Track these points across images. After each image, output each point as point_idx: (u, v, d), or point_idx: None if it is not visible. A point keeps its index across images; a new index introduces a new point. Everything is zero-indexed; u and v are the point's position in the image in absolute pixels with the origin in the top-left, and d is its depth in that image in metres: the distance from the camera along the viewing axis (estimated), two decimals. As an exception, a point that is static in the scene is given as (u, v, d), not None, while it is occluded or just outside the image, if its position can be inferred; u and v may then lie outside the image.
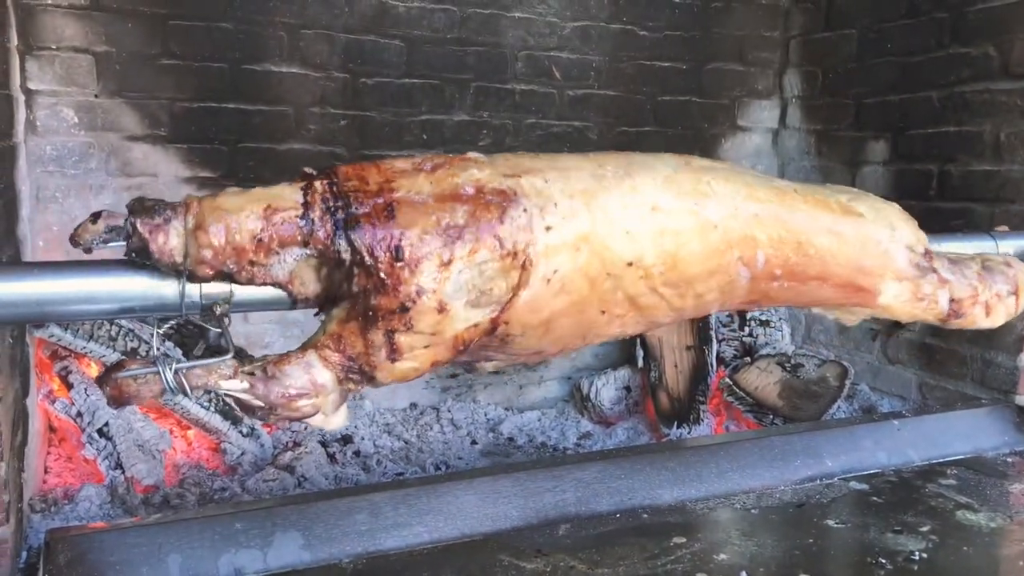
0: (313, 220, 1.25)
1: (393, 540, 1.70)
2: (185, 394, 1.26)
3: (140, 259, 1.23)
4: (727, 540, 1.76)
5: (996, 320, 1.81)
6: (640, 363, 3.00)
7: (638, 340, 2.98)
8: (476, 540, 1.74)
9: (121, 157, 2.49)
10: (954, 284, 1.73)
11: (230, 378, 1.27)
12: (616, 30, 3.08)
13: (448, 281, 1.26)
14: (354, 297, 1.26)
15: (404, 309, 1.25)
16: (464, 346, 1.33)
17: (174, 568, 1.55)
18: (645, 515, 1.88)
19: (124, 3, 2.43)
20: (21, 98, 2.31)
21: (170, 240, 1.21)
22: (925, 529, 1.80)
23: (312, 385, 1.27)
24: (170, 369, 1.25)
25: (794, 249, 1.54)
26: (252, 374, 1.28)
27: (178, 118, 2.54)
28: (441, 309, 1.26)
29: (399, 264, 1.23)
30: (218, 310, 1.27)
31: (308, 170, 1.31)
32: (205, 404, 2.31)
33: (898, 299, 1.69)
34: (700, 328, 2.96)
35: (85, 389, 2.22)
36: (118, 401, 1.27)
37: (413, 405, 2.98)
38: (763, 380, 2.89)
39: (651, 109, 3.18)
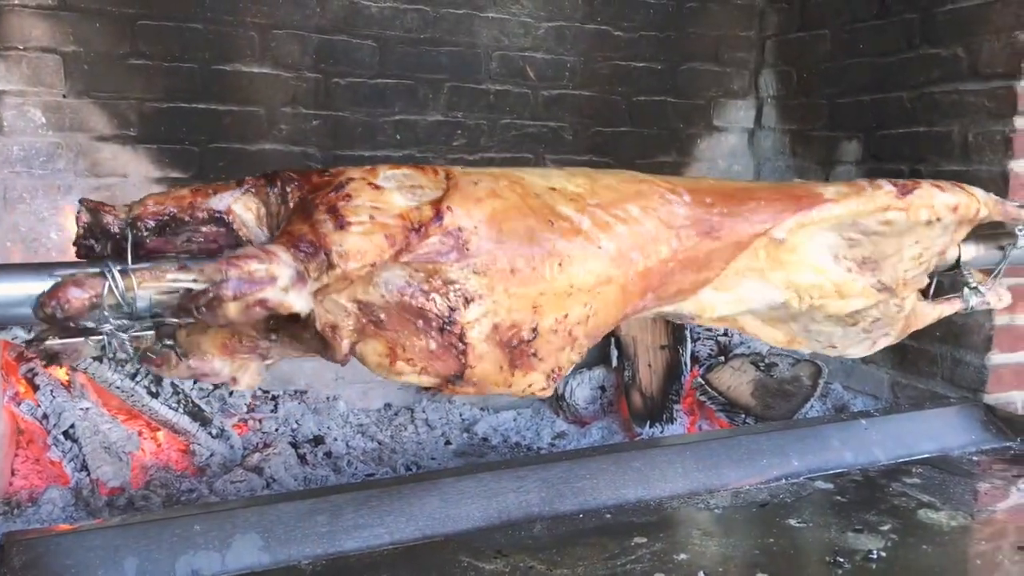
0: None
1: (353, 541, 1.70)
2: (130, 307, 1.16)
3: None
4: (688, 540, 1.77)
5: (956, 195, 1.77)
6: (614, 362, 3.00)
7: (612, 339, 2.98)
8: (437, 541, 1.74)
9: (90, 157, 2.48)
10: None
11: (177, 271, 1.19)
12: (591, 30, 3.08)
13: (377, 176, 1.31)
14: (293, 210, 1.26)
15: (339, 187, 1.27)
16: (416, 228, 1.29)
17: (130, 571, 1.54)
18: (608, 515, 1.88)
19: (92, 3, 2.42)
20: (-12, 98, 2.31)
21: None
22: (886, 528, 1.80)
23: (264, 252, 1.19)
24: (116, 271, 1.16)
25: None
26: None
27: (148, 118, 2.53)
28: (376, 188, 1.29)
29: (327, 173, 1.30)
30: None
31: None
32: (174, 405, 2.31)
33: (841, 193, 1.67)
34: (675, 327, 2.97)
35: (51, 391, 2.21)
36: (59, 321, 1.15)
37: (387, 406, 2.98)
38: (736, 380, 2.90)
39: (626, 109, 3.18)
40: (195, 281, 1.18)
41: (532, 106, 3.04)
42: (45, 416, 2.18)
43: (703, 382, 2.90)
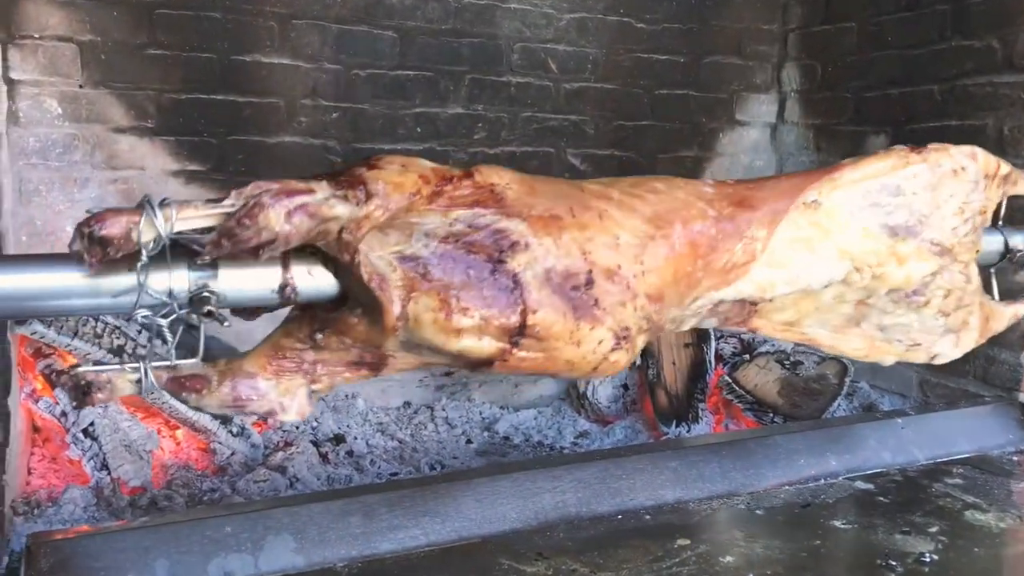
0: None
1: (388, 543, 1.65)
2: (169, 239, 1.14)
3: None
4: (732, 542, 1.72)
5: (971, 146, 1.77)
6: (638, 360, 2.95)
7: (635, 337, 2.93)
8: (474, 542, 1.69)
9: (107, 149, 2.42)
10: None
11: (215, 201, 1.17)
12: (613, 22, 3.03)
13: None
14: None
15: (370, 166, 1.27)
16: (448, 178, 1.29)
17: (161, 573, 1.49)
18: (647, 516, 1.83)
19: (109, -9, 2.37)
20: (3, 88, 2.24)
21: None
22: (934, 530, 1.75)
23: (300, 180, 1.20)
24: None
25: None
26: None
27: (165, 110, 2.47)
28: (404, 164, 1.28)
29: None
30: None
31: None
32: (194, 403, 2.25)
33: (857, 160, 1.67)
34: (698, 325, 2.92)
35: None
36: (97, 240, 1.10)
37: (407, 404, 2.93)
38: (762, 378, 2.85)
39: (648, 103, 3.13)
40: (232, 206, 1.15)
41: (553, 99, 2.98)
42: (63, 414, 2.13)
43: (730, 380, 2.85)
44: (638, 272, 1.41)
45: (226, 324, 1.20)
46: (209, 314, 1.18)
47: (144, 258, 1.14)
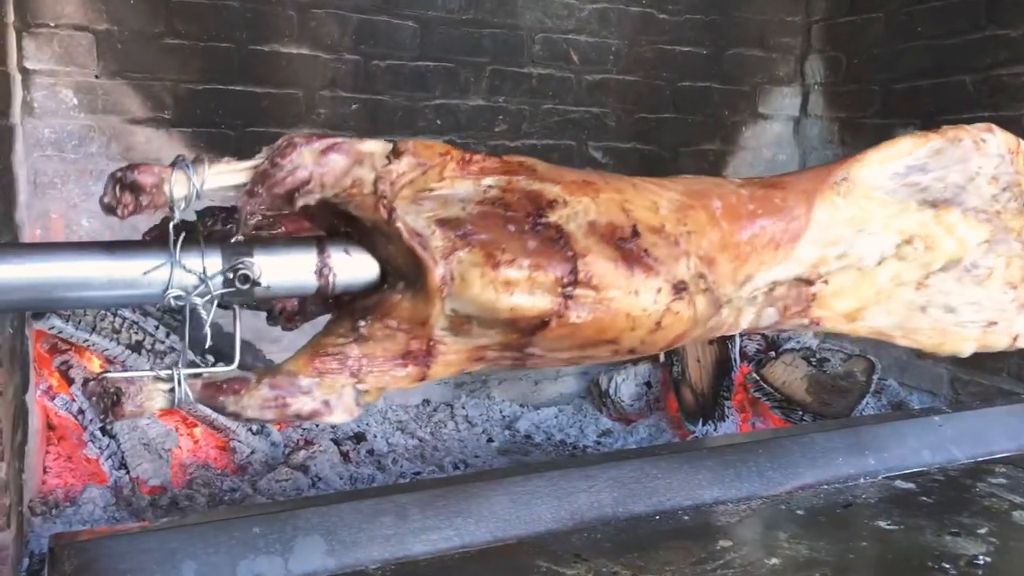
0: None
1: (422, 544, 1.59)
2: (199, 193, 1.08)
3: None
4: (776, 543, 1.66)
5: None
6: (661, 357, 2.89)
7: (659, 334, 2.87)
8: (509, 544, 1.63)
9: (123, 141, 2.37)
10: None
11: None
12: (635, 13, 2.98)
13: None
14: None
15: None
16: (480, 165, 1.25)
17: (189, 575, 1.43)
18: (686, 517, 1.77)
19: (126, -21, 2.31)
20: (17, 78, 2.19)
21: None
22: (983, 531, 1.69)
23: None
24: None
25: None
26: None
27: (183, 100, 2.42)
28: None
29: None
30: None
31: None
32: (213, 400, 2.20)
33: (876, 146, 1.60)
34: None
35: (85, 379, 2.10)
36: (127, 185, 1.06)
37: (426, 402, 2.87)
38: (790, 375, 2.79)
39: (670, 95, 3.08)
40: (263, 160, 1.12)
41: (575, 91, 2.93)
42: (81, 411, 2.08)
43: (758, 377, 2.79)
44: (683, 232, 1.36)
45: (264, 285, 1.15)
46: (246, 280, 1.13)
47: (176, 215, 1.09)
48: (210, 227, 1.22)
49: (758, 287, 1.44)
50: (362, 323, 1.20)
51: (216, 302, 1.15)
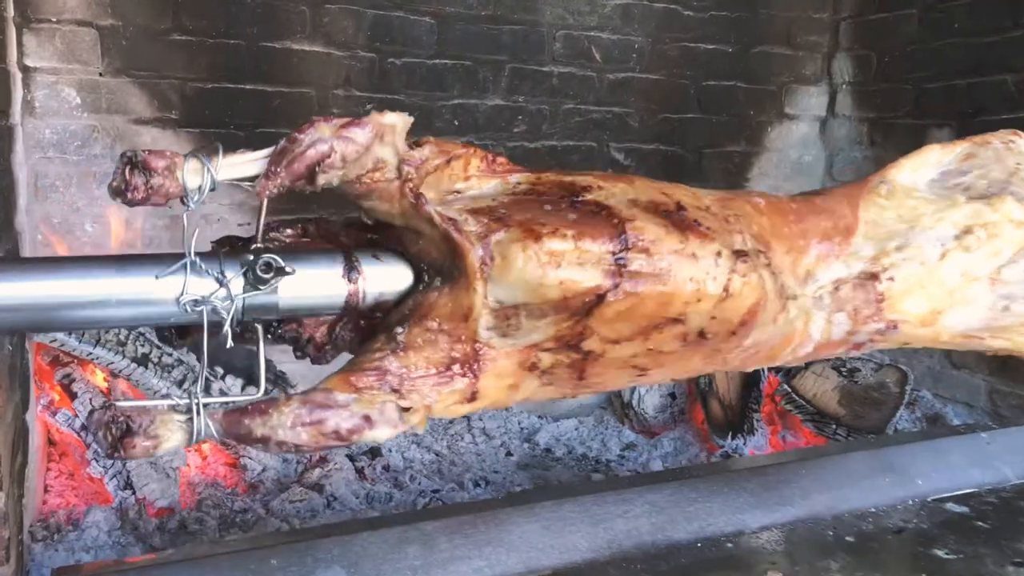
0: None
1: (450, 577, 1.48)
2: (214, 183, 1.03)
3: None
4: (827, 574, 1.55)
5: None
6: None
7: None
8: (544, 575, 1.53)
9: (128, 142, 2.26)
10: None
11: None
12: (659, 9, 2.87)
13: None
14: None
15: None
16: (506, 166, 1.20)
17: (202, 614, 1.33)
18: (729, 544, 1.66)
19: (131, -28, 2.21)
20: (18, 76, 2.08)
21: None
22: (1048, 561, 1.59)
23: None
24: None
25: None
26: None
27: (190, 100, 2.31)
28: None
29: None
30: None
31: None
32: (223, 415, 2.09)
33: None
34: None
35: (90, 399, 1.99)
36: (136, 165, 1.00)
37: (442, 413, 2.76)
38: (820, 386, 2.68)
39: (695, 95, 2.97)
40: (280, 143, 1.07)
41: (597, 90, 2.82)
42: (83, 428, 1.96)
43: (788, 389, 2.68)
44: (730, 214, 1.26)
45: (289, 272, 1.06)
46: (269, 269, 1.04)
47: (190, 205, 1.02)
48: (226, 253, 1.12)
49: (822, 285, 1.34)
50: (399, 330, 1.09)
51: (237, 306, 1.04)
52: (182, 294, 1.04)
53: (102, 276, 1.07)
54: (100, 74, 2.21)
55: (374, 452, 2.39)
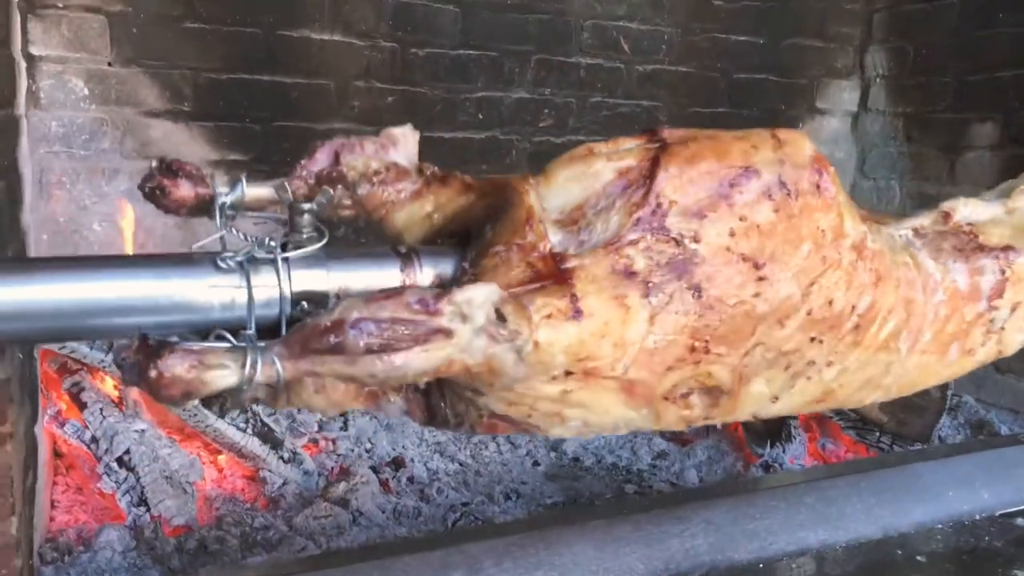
0: None
1: (500, 605, 1.37)
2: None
3: None
4: (905, 599, 1.44)
5: None
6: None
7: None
8: (599, 601, 1.41)
9: (138, 136, 2.14)
10: None
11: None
12: (690, -2, 2.75)
13: None
14: None
15: None
16: None
17: (235, 651, 1.21)
18: (793, 565, 1.55)
19: (143, -45, 2.08)
20: (22, 65, 1.95)
21: None
22: None
23: None
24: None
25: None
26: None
27: (204, 91, 2.19)
28: None
29: None
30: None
31: None
32: (242, 425, 1.97)
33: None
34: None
35: (101, 409, 1.87)
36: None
37: (465, 420, 2.64)
38: (861, 391, 2.57)
39: (725, 88, 2.85)
40: None
41: (625, 82, 2.70)
42: (94, 439, 1.84)
43: (829, 395, 2.56)
44: None
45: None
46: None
47: (221, 198, 1.01)
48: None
49: None
50: (466, 265, 0.98)
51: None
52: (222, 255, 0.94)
53: (133, 277, 0.95)
54: (109, 64, 2.08)
55: (397, 463, 2.27)
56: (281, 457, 2.03)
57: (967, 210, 1.32)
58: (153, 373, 0.82)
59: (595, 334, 0.97)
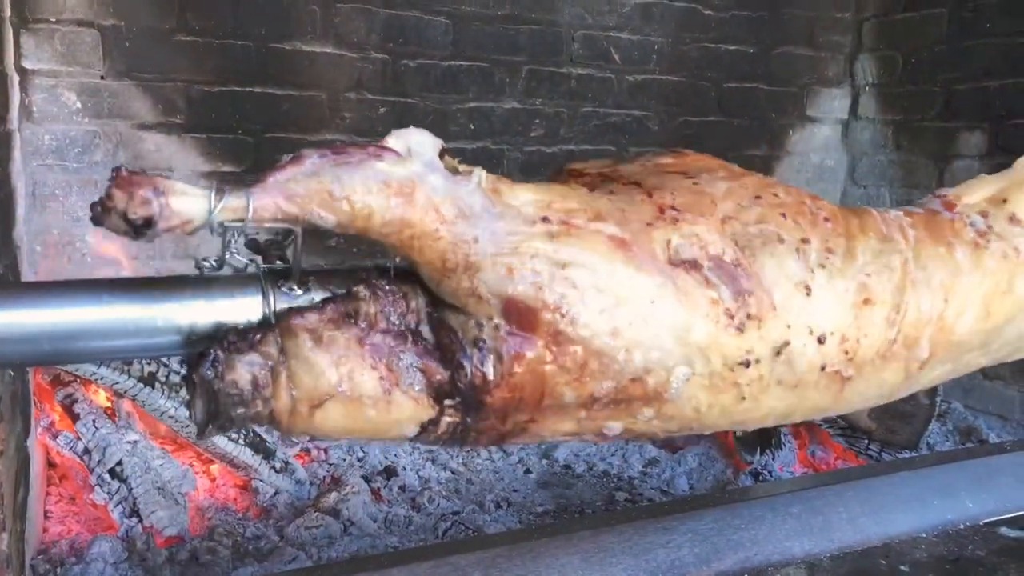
0: None
1: (487, 617, 1.38)
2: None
3: None
4: (887, 609, 1.46)
5: None
6: (710, 380, 2.68)
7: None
8: (585, 613, 1.43)
9: (131, 148, 2.16)
10: None
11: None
12: (680, 8, 2.77)
13: None
14: None
15: None
16: None
17: (223, 664, 1.22)
18: (777, 574, 1.57)
19: (135, -31, 2.10)
20: (15, 79, 1.97)
21: None
22: (1119, 593, 1.49)
23: None
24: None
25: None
26: None
27: (196, 103, 2.21)
28: None
29: None
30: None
31: None
32: (234, 435, 1.98)
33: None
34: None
35: (93, 421, 1.89)
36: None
37: (457, 428, 2.66)
38: (850, 399, 2.59)
39: (716, 97, 2.87)
40: None
41: (616, 92, 2.72)
42: (87, 451, 1.86)
43: (818, 402, 2.58)
44: None
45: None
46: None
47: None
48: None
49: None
50: None
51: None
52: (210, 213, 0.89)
53: (119, 302, 0.96)
54: (102, 77, 2.10)
55: (389, 471, 2.29)
56: (273, 467, 2.05)
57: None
58: (119, 192, 0.80)
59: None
